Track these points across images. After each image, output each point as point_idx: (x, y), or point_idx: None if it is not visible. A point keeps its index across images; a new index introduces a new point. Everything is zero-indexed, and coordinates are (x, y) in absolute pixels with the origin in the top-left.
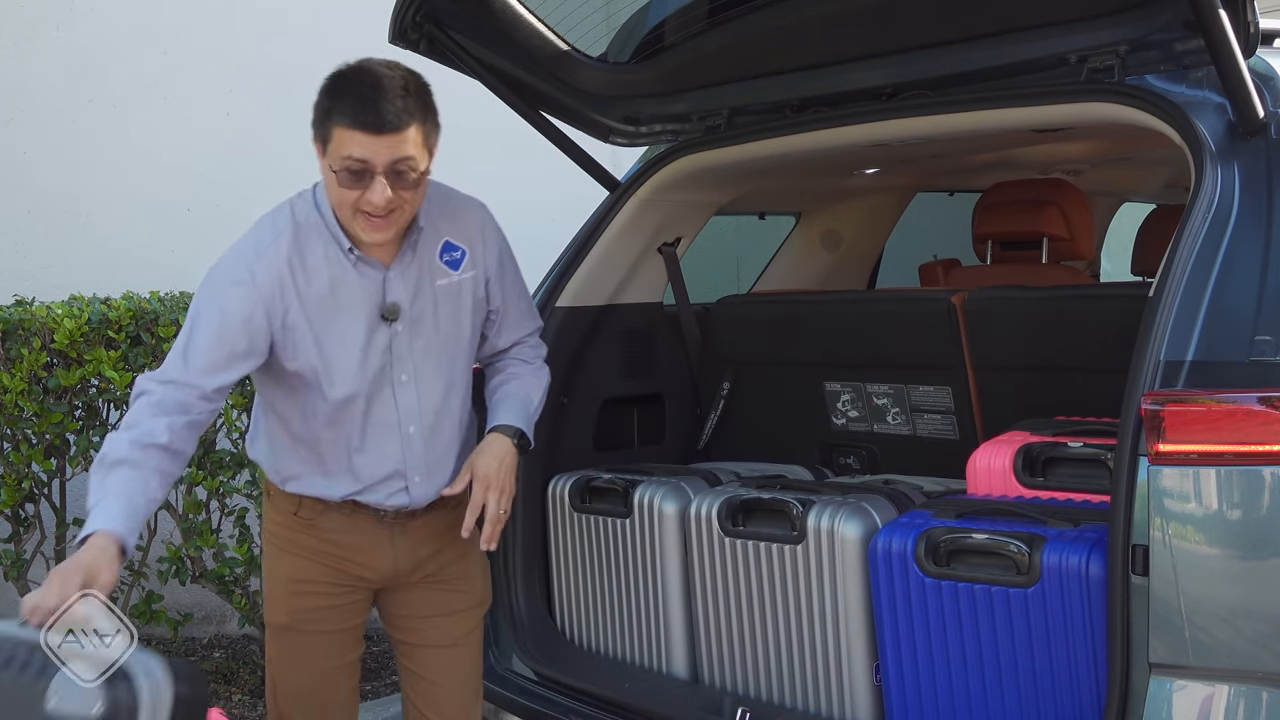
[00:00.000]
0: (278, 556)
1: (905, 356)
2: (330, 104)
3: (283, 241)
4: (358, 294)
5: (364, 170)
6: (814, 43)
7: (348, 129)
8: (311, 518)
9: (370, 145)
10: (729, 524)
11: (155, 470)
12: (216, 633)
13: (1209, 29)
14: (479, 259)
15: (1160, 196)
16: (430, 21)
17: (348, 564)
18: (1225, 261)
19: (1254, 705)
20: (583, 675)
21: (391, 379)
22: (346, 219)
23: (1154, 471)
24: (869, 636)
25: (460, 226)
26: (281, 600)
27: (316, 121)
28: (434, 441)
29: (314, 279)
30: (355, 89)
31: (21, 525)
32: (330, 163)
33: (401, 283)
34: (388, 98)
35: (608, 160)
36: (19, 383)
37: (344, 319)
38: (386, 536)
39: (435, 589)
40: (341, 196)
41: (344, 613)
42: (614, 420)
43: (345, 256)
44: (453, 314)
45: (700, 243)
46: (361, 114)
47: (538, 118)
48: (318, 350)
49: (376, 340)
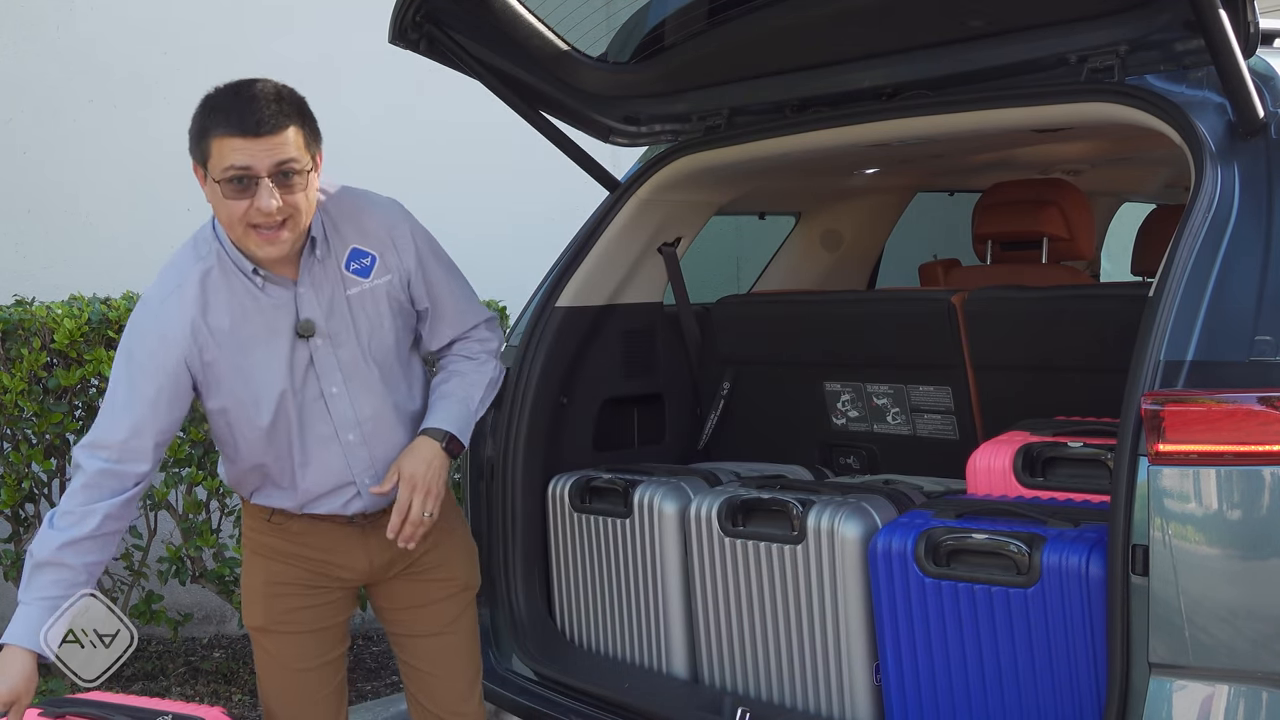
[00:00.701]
0: (253, 560)
1: (905, 356)
2: (205, 120)
3: (187, 287)
4: (271, 317)
5: (248, 176)
6: (814, 43)
7: (226, 137)
8: (283, 523)
9: (250, 149)
10: (729, 524)
11: (84, 566)
12: (216, 633)
13: (1209, 29)
14: (392, 263)
15: (1160, 196)
16: (430, 21)
17: (324, 565)
18: (1225, 261)
19: (1254, 705)
20: (583, 675)
21: (322, 392)
22: (239, 237)
23: (1154, 471)
24: (869, 636)
25: (367, 232)
26: (258, 603)
27: (193, 143)
28: (376, 445)
29: (224, 314)
30: (229, 100)
31: (21, 525)
32: (213, 177)
33: (313, 296)
34: (261, 103)
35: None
36: (19, 383)
37: (261, 345)
38: (358, 537)
39: (414, 580)
40: (231, 211)
41: (321, 613)
42: (614, 420)
43: (251, 281)
44: (372, 321)
45: (700, 243)
46: (239, 119)
47: (538, 118)
48: (242, 380)
49: (298, 358)
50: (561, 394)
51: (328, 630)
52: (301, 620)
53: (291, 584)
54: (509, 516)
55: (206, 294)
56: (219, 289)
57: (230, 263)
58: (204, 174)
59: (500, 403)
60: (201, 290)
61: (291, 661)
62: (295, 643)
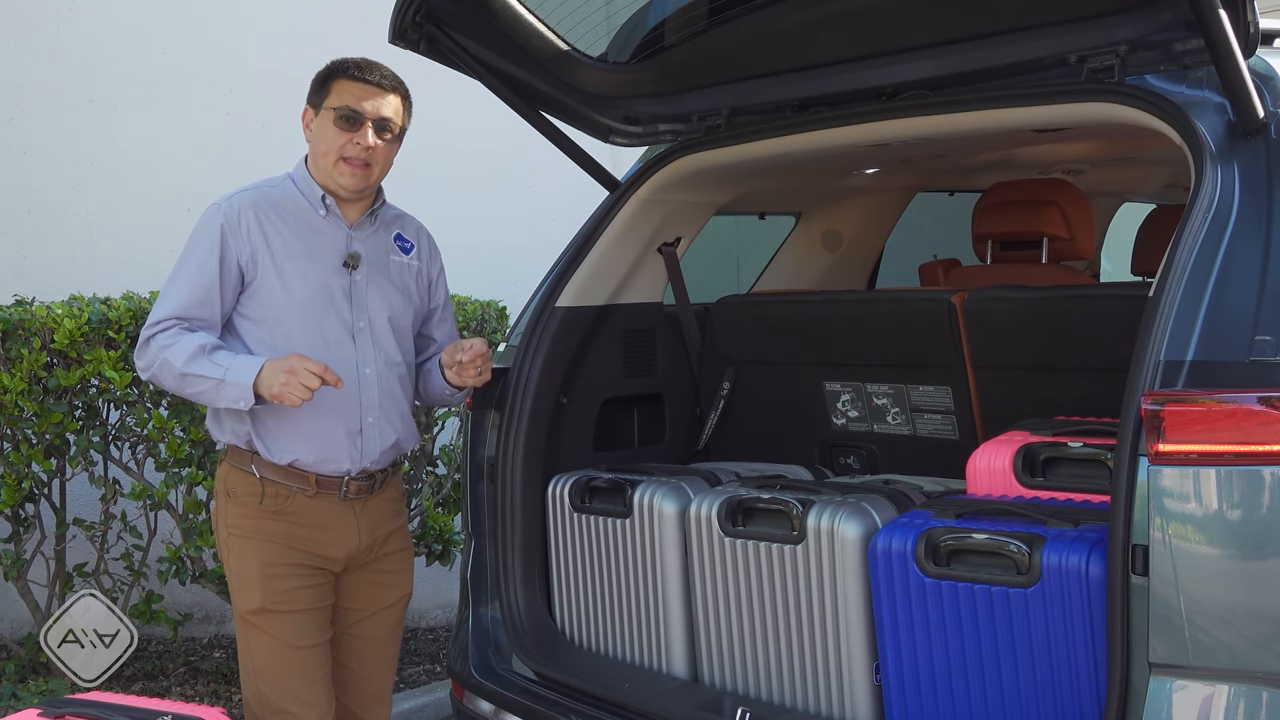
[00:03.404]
0: (245, 545)
1: (905, 356)
2: (334, 67)
3: (251, 191)
4: (323, 241)
5: (357, 117)
6: (814, 43)
7: (349, 81)
8: (278, 505)
9: (365, 94)
10: (729, 524)
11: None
12: (216, 633)
13: (1209, 29)
14: (424, 256)
15: (1160, 196)
16: (430, 21)
17: (316, 544)
18: (1225, 261)
19: (1254, 705)
20: (583, 675)
21: (351, 323)
22: (329, 166)
23: (1154, 471)
24: (869, 636)
25: (409, 229)
26: (255, 584)
27: (315, 87)
28: (386, 389)
29: (283, 220)
30: (357, 59)
31: (21, 525)
32: (329, 110)
33: (362, 243)
34: (382, 68)
35: (608, 160)
36: (19, 383)
37: (305, 259)
38: (350, 514)
39: (376, 585)
40: (332, 140)
41: (315, 593)
42: (614, 420)
43: (317, 208)
44: (404, 286)
45: (700, 243)
46: (363, 71)
47: (538, 118)
48: (281, 284)
49: (337, 282)
50: (561, 394)
51: (320, 611)
52: (300, 599)
53: (288, 565)
54: (509, 516)
55: (273, 201)
56: (284, 203)
57: (298, 190)
58: (313, 114)
59: (500, 403)
60: (266, 197)
61: (292, 639)
62: (294, 620)
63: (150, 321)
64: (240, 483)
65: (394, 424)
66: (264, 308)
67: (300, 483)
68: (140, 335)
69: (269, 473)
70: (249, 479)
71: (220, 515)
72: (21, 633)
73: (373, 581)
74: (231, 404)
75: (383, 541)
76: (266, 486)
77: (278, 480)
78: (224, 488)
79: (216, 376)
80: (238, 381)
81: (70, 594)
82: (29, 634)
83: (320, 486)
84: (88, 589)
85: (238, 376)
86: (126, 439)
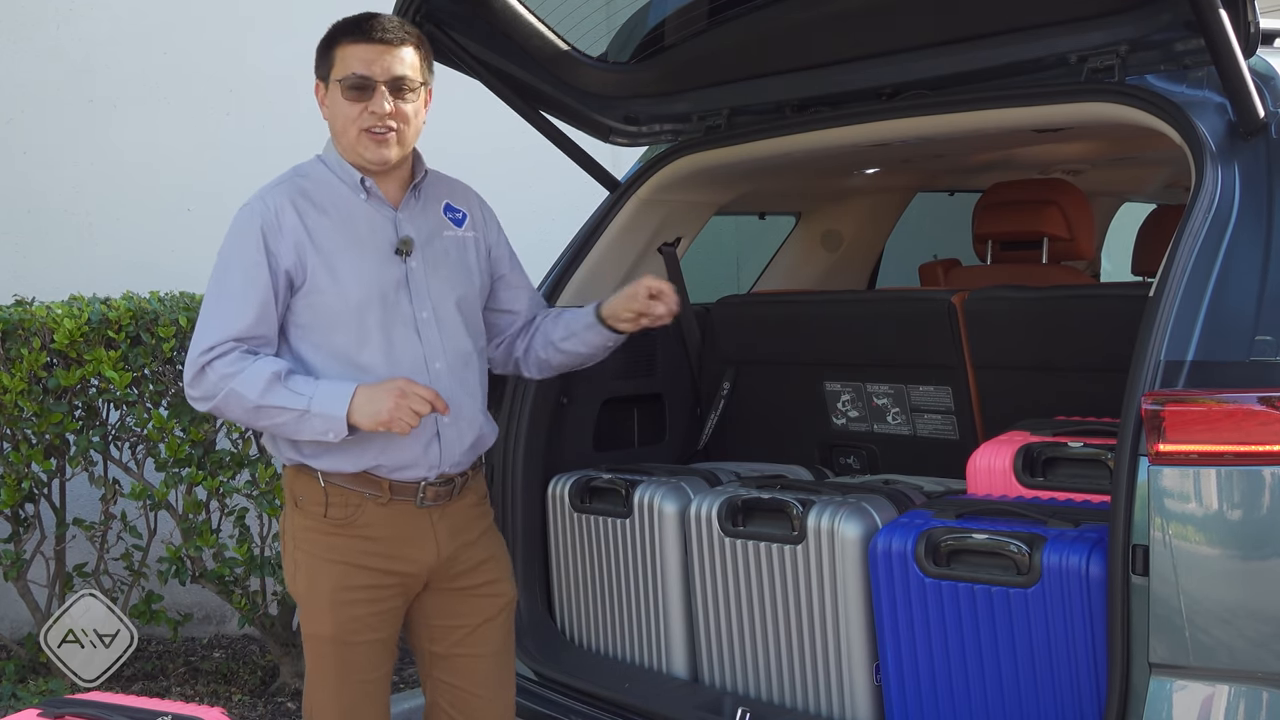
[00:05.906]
0: (317, 566)
1: (905, 356)
2: (333, 32)
3: (284, 184)
4: (370, 229)
5: (367, 83)
6: (814, 43)
7: (350, 44)
8: (347, 516)
9: (372, 55)
10: (729, 524)
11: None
12: (216, 633)
13: (1209, 29)
14: (478, 223)
15: (1160, 196)
16: (430, 21)
17: (390, 560)
18: (1225, 261)
19: (1254, 705)
20: (583, 675)
21: (413, 315)
22: (351, 141)
23: (1154, 471)
24: (869, 636)
25: (457, 196)
26: (326, 611)
27: (320, 56)
28: (460, 384)
29: (324, 212)
30: (355, 17)
31: (21, 525)
32: (337, 82)
33: (411, 224)
34: (384, 19)
35: (608, 160)
36: (19, 383)
37: (354, 252)
38: (427, 523)
39: (470, 596)
40: (346, 114)
41: (386, 619)
42: (614, 420)
43: (356, 192)
44: (462, 263)
45: (700, 243)
46: (364, 27)
47: (538, 118)
48: (334, 284)
49: (391, 273)
50: (561, 394)
51: (388, 641)
52: (369, 628)
53: (360, 588)
54: (509, 516)
55: (310, 193)
56: (322, 193)
57: (332, 174)
58: (324, 89)
59: (500, 403)
60: (302, 190)
61: (362, 671)
62: (366, 651)
63: (202, 347)
64: (305, 489)
65: (472, 420)
66: (316, 312)
67: (373, 489)
68: (189, 362)
69: (338, 479)
70: (314, 486)
71: (287, 525)
72: (21, 633)
73: (469, 593)
74: (318, 436)
75: (468, 549)
76: (333, 494)
77: (347, 487)
78: (291, 495)
79: (299, 408)
80: (326, 413)
81: (70, 594)
82: (29, 634)
83: (394, 493)
84: (88, 589)
85: (325, 407)
86: (126, 439)
